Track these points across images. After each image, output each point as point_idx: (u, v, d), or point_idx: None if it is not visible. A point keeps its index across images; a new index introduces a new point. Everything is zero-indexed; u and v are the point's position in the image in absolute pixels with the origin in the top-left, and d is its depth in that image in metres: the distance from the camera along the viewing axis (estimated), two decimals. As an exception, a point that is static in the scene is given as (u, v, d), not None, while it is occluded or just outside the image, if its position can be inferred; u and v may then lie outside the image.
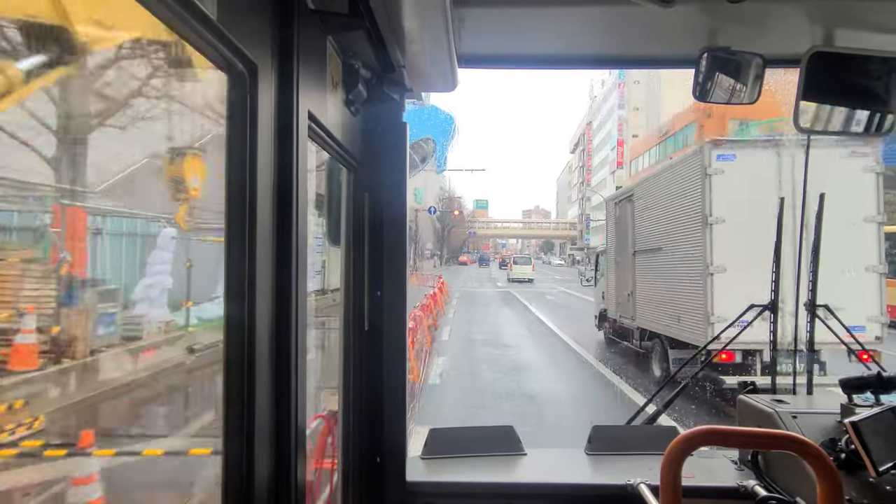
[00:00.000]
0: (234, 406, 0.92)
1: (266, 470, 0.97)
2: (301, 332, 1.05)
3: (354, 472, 1.69)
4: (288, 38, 1.03)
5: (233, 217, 0.92)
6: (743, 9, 1.35)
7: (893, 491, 1.46)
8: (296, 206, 1.03)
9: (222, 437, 0.92)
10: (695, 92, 1.67)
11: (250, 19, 0.93)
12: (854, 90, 1.61)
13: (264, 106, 0.95)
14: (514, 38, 1.71)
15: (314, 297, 5.42)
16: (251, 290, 0.92)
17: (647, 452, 1.91)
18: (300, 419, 1.06)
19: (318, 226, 2.06)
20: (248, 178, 0.92)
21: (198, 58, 0.91)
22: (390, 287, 1.75)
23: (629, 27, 1.62)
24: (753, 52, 1.60)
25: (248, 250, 0.92)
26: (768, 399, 1.85)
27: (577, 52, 1.82)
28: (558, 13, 1.53)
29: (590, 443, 2.04)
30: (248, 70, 0.91)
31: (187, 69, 5.45)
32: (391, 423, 1.76)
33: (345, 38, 1.33)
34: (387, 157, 1.71)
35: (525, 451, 2.02)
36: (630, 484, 1.63)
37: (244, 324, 0.92)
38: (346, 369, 1.67)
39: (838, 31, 1.56)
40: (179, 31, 0.78)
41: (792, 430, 1.62)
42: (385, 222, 1.73)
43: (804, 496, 1.51)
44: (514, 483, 1.88)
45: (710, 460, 1.93)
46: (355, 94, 1.42)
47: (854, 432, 1.43)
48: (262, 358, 0.95)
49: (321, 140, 1.28)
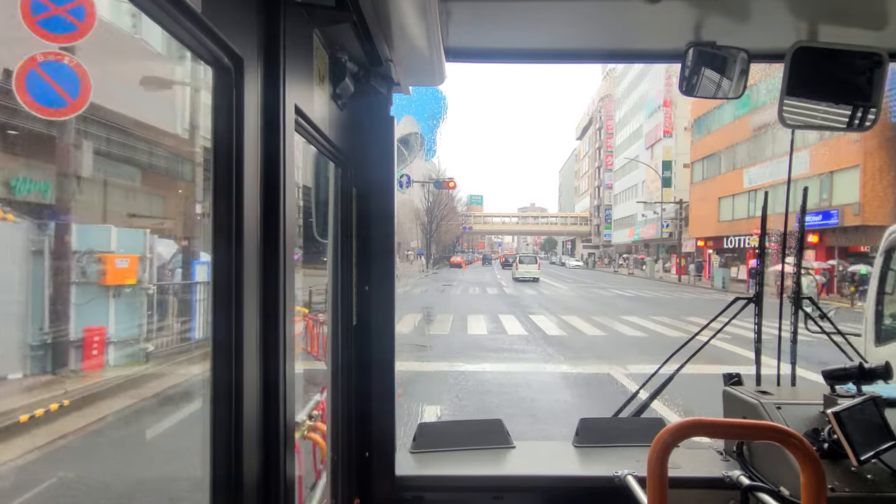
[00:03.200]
0: (222, 402, 0.91)
1: (255, 466, 0.96)
2: (289, 328, 1.05)
3: (344, 466, 1.68)
4: (274, 31, 1.01)
5: (219, 212, 0.91)
6: (728, 4, 1.38)
7: (874, 479, 1.50)
8: (283, 200, 1.02)
9: (210, 433, 0.92)
10: (681, 86, 1.69)
11: (236, 12, 0.91)
12: (838, 85, 1.62)
13: (250, 100, 0.94)
14: (500, 33, 1.72)
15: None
16: (238, 286, 0.91)
17: (634, 444, 1.95)
18: (289, 415, 1.05)
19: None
20: (234, 173, 0.91)
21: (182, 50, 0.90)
22: (378, 282, 1.75)
23: (616, 22, 1.63)
24: (739, 47, 1.62)
25: (234, 245, 0.91)
26: (753, 390, 1.89)
27: (565, 47, 1.83)
28: (545, 7, 1.53)
29: (577, 435, 2.06)
30: (233, 63, 0.90)
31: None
32: (380, 417, 1.76)
33: (331, 32, 1.32)
34: (374, 152, 1.71)
35: (514, 444, 2.04)
36: (617, 476, 1.65)
37: (231, 319, 0.91)
38: (335, 364, 1.67)
39: (822, 26, 1.57)
40: (164, 24, 0.77)
41: (776, 421, 1.65)
42: (373, 217, 1.73)
43: (788, 485, 1.54)
44: (503, 476, 1.90)
45: (696, 451, 1.96)
46: (342, 88, 1.41)
47: (836, 422, 1.47)
48: (249, 353, 0.94)
49: (308, 134, 1.27)
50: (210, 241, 0.92)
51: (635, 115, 68.87)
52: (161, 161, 7.44)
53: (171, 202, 7.90)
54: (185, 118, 6.96)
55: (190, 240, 7.42)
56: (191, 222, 7.59)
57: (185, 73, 6.54)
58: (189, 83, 6.95)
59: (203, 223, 7.31)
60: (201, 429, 0.97)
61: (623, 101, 76.28)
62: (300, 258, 2.45)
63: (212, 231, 0.91)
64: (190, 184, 7.44)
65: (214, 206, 0.91)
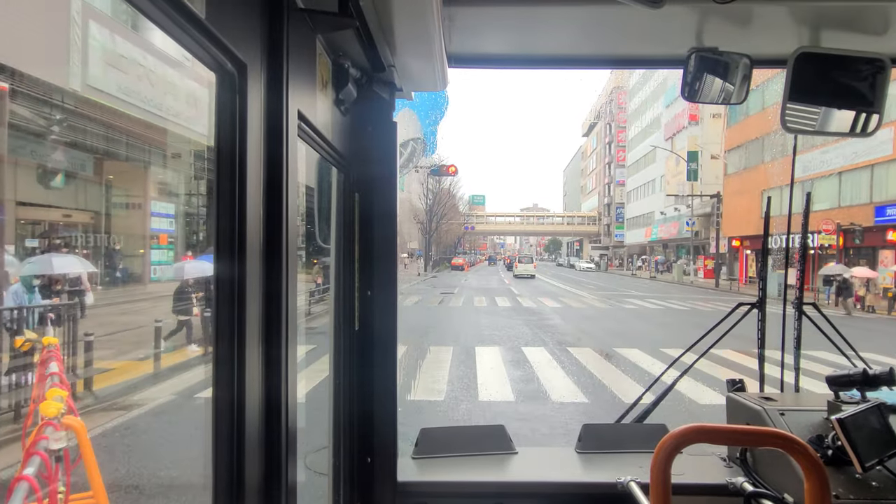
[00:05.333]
0: (224, 406, 0.91)
1: (256, 471, 0.96)
2: (291, 333, 1.05)
3: (345, 472, 1.68)
4: (277, 37, 1.01)
5: (222, 218, 0.91)
6: (730, 10, 1.40)
7: (879, 486, 1.48)
8: (285, 206, 1.02)
9: (212, 437, 0.91)
10: (683, 92, 1.68)
11: (239, 18, 0.91)
12: (840, 90, 1.62)
13: (253, 105, 0.95)
14: (503, 38, 1.73)
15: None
16: (241, 292, 0.91)
17: (637, 450, 1.93)
18: (291, 420, 1.05)
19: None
20: (237, 179, 0.91)
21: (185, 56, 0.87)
22: (381, 287, 1.74)
23: (618, 28, 1.62)
24: (741, 53, 1.61)
25: (237, 252, 0.91)
26: (756, 396, 1.87)
27: (567, 53, 1.83)
28: (547, 14, 1.52)
29: (580, 441, 2.04)
30: (237, 69, 0.91)
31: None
32: (382, 423, 1.75)
33: (334, 37, 1.32)
34: (377, 157, 1.70)
35: (516, 450, 2.02)
36: (620, 482, 1.62)
37: (234, 325, 0.91)
38: (337, 369, 1.66)
39: (824, 32, 1.57)
40: (168, 30, 0.77)
41: (780, 427, 1.65)
42: (375, 222, 1.72)
43: (792, 492, 1.52)
44: (505, 482, 1.87)
45: (699, 458, 1.92)
46: (345, 94, 1.41)
47: (840, 429, 1.45)
48: (252, 358, 0.94)
49: (311, 140, 1.26)
50: (213, 247, 0.92)
51: (652, 105, 64.13)
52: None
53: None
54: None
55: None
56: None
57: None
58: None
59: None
60: (203, 433, 0.87)
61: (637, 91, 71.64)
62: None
63: (214, 236, 0.91)
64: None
65: (217, 210, 0.91)
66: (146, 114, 8.05)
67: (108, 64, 7.41)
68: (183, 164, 9.61)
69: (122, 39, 7.37)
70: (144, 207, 9.95)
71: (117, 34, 7.30)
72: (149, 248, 10.31)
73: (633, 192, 72.08)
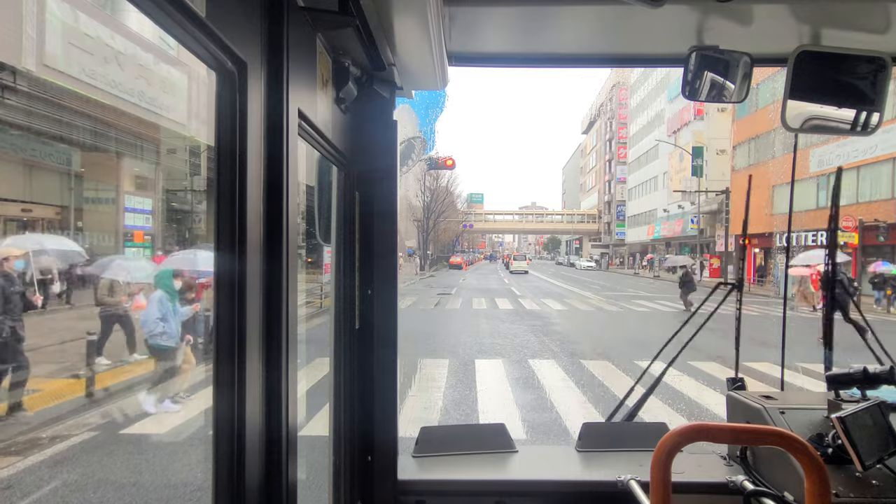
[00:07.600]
0: (225, 406, 0.91)
1: (257, 471, 0.96)
2: (292, 333, 1.05)
3: (346, 470, 1.68)
4: (277, 36, 1.02)
5: (222, 217, 0.91)
6: (731, 8, 1.41)
7: (879, 485, 1.49)
8: (286, 205, 1.02)
9: (213, 437, 0.91)
10: (684, 90, 1.68)
11: (239, 16, 0.91)
12: (840, 89, 1.63)
13: (254, 104, 0.95)
14: (502, 37, 1.73)
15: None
16: (241, 292, 0.91)
17: (637, 449, 1.93)
18: (291, 420, 1.05)
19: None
20: (237, 178, 0.91)
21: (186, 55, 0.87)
22: (381, 286, 1.75)
23: (619, 26, 1.63)
24: (741, 51, 1.62)
25: (237, 251, 0.91)
26: (756, 395, 1.88)
27: (567, 51, 1.84)
28: (547, 12, 1.53)
29: (580, 440, 2.05)
30: (237, 68, 0.91)
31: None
32: (382, 421, 1.76)
33: (335, 36, 1.33)
34: (377, 156, 1.71)
35: (516, 449, 2.03)
36: (620, 480, 1.63)
37: (234, 325, 0.91)
38: (337, 368, 1.66)
39: (825, 30, 1.58)
40: (168, 29, 0.77)
41: (780, 426, 1.65)
42: (375, 220, 1.73)
43: (792, 491, 1.52)
44: (506, 480, 1.87)
45: (699, 456, 1.93)
46: (345, 92, 1.42)
47: (841, 427, 1.45)
48: (252, 359, 0.94)
49: (311, 138, 1.27)
50: (213, 245, 0.92)
51: (654, 101, 62.73)
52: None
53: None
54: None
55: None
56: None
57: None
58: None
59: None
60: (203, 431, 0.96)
61: (639, 87, 69.96)
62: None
63: (215, 234, 0.91)
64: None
65: (218, 209, 0.91)
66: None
67: (69, 44, 7.24)
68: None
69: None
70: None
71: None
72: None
73: (635, 189, 70.95)
